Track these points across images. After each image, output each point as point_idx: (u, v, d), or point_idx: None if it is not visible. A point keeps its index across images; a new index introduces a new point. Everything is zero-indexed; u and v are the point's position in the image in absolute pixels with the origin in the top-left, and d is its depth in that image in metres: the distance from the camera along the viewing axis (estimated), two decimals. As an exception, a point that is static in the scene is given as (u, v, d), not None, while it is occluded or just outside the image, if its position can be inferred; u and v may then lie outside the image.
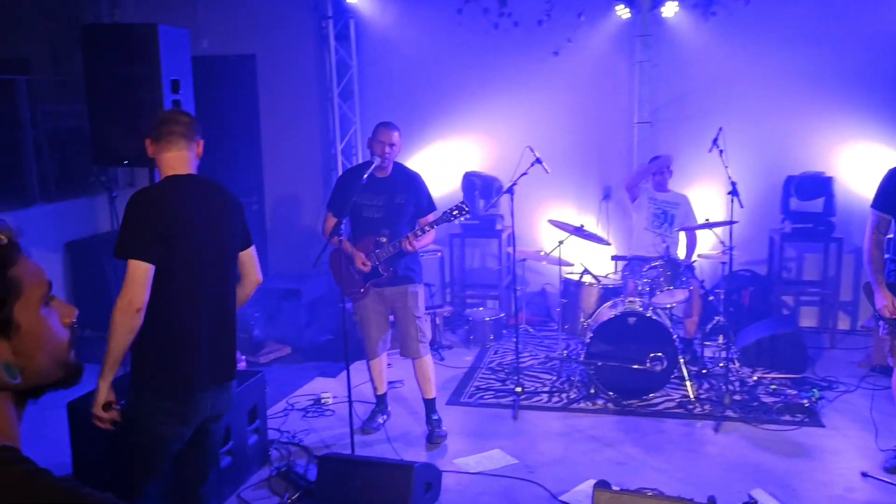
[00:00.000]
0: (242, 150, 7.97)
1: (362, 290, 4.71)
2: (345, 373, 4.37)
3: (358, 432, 4.69)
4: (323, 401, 5.52)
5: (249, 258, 3.13)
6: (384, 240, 4.57)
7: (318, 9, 7.46)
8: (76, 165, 8.14)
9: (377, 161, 4.46)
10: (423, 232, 4.53)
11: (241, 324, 6.49)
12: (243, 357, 6.18)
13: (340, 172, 7.55)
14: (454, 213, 4.50)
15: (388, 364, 6.16)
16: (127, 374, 2.99)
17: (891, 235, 4.34)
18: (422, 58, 7.41)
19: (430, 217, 4.65)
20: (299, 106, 7.82)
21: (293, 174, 7.90)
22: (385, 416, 5.09)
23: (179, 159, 2.91)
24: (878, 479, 4.19)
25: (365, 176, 4.37)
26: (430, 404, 4.90)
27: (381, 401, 5.10)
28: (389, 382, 5.84)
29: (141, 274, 2.71)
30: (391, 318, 4.93)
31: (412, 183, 4.71)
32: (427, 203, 4.75)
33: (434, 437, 4.80)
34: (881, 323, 4.22)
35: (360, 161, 7.57)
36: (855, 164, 6.78)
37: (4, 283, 1.10)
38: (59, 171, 7.85)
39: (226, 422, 3.99)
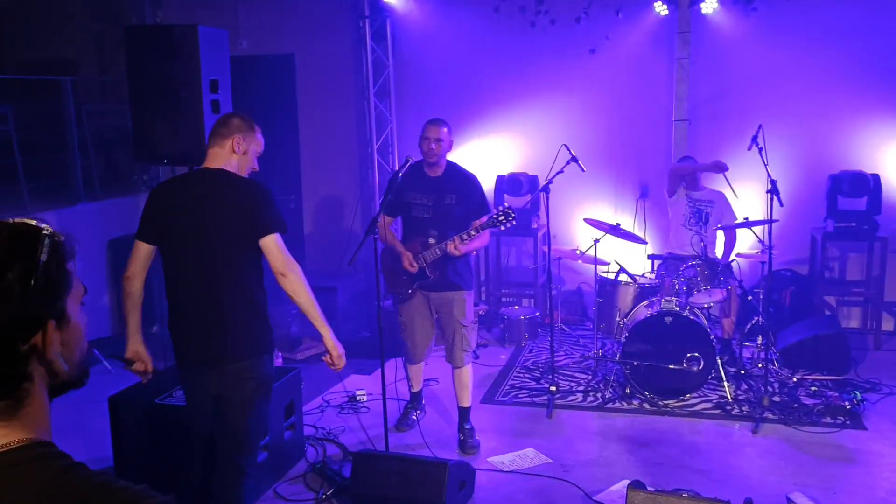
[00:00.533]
0: (281, 149, 8.05)
1: (410, 292, 4.64)
2: (380, 370, 4.41)
3: (392, 430, 4.73)
4: (358, 398, 5.57)
5: (266, 248, 3.20)
6: (432, 241, 4.48)
7: (356, 8, 7.51)
8: (120, 164, 8.32)
9: (412, 160, 4.41)
10: (469, 236, 4.36)
11: (278, 320, 6.62)
12: (280, 354, 6.26)
13: (377, 171, 7.61)
14: (500, 218, 4.32)
15: (425, 363, 6.21)
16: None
17: None
18: (458, 57, 7.42)
19: (478, 221, 4.48)
20: (336, 105, 7.88)
21: (330, 173, 7.97)
22: (420, 412, 5.10)
23: (210, 155, 3.27)
24: (921, 483, 4.10)
25: (400, 174, 4.28)
26: (464, 413, 4.81)
27: (415, 398, 5.11)
28: (425, 380, 5.88)
29: (134, 248, 3.18)
30: (436, 321, 4.87)
31: (465, 184, 4.60)
32: (478, 206, 4.57)
33: (466, 447, 4.69)
34: None
35: (397, 160, 7.62)
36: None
37: (63, 275, 1.16)
38: (104, 169, 8.03)
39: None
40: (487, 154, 7.51)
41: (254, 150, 3.38)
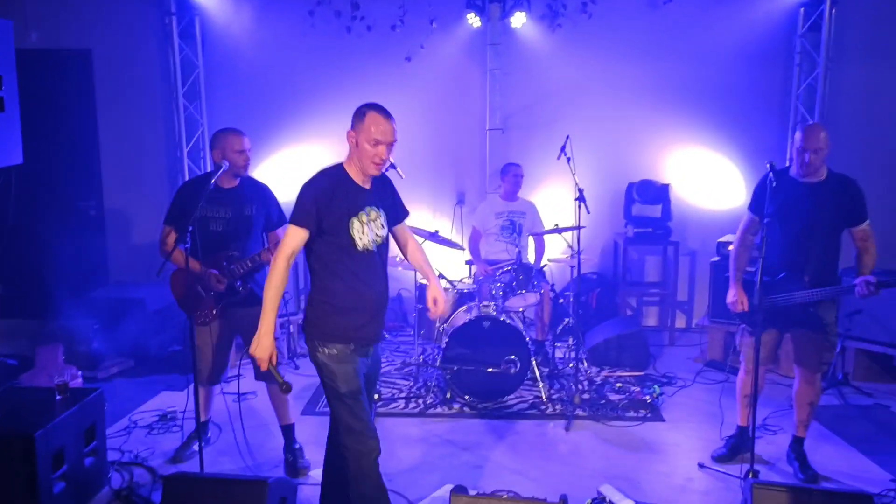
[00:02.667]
0: (78, 151, 7.46)
1: (214, 312, 4.37)
2: (192, 386, 4.15)
3: (169, 462, 4.52)
4: (169, 416, 5.24)
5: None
6: (236, 254, 4.29)
7: (161, 4, 7.09)
8: None
9: (226, 166, 4.22)
10: None
11: (77, 336, 6.11)
12: (80, 372, 5.78)
13: (187, 176, 7.24)
14: None
15: (241, 375, 5.96)
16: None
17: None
18: (272, 59, 7.23)
19: (280, 233, 4.40)
20: (141, 106, 7.41)
21: (135, 177, 7.47)
22: (202, 444, 4.70)
23: None
24: (712, 468, 4.46)
25: (213, 181, 4.09)
26: (289, 431, 4.59)
27: (203, 427, 4.71)
28: (241, 394, 5.65)
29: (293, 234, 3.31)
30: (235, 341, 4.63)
31: (262, 194, 4.45)
32: (278, 216, 4.49)
33: (297, 468, 4.47)
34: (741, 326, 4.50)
35: (209, 164, 7.29)
36: (687, 171, 7.25)
37: None
38: None
39: (59, 443, 3.73)
40: (304, 160, 7.36)
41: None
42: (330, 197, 3.24)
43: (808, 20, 6.94)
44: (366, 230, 3.30)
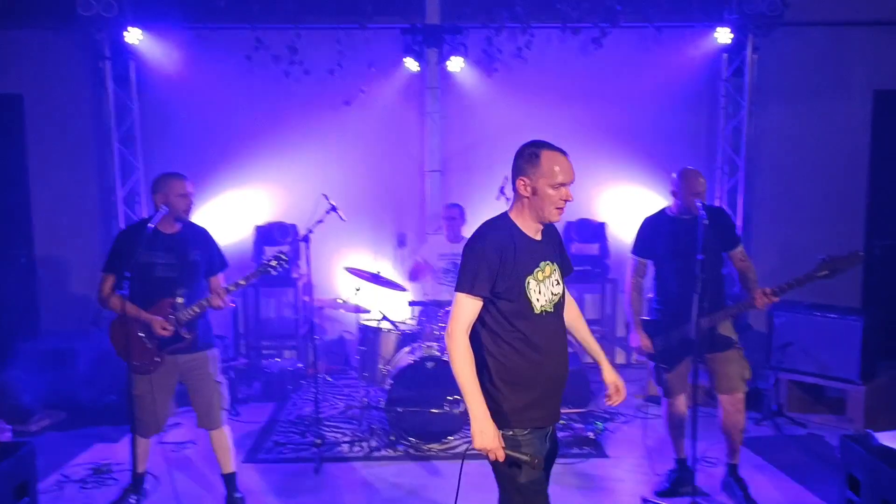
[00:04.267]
0: (7, 197, 7.26)
1: (158, 359, 4.25)
2: (129, 437, 4.04)
3: None
4: (104, 469, 5.07)
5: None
6: (181, 300, 4.20)
7: (95, 49, 7.01)
8: None
9: (164, 210, 4.15)
10: (238, 286, 4.27)
11: (6, 389, 5.88)
12: (9, 426, 5.56)
13: (123, 222, 7.11)
14: (272, 263, 4.26)
15: (179, 423, 5.83)
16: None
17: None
18: (210, 103, 7.20)
19: (221, 277, 4.42)
20: (75, 151, 7.28)
21: (68, 224, 7.30)
22: (138, 498, 4.50)
23: None
24: (654, 502, 4.52)
25: (151, 225, 4.05)
26: (231, 479, 4.49)
27: (139, 480, 4.52)
28: (179, 443, 5.53)
29: None
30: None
31: (203, 238, 4.40)
32: (219, 259, 4.44)
33: None
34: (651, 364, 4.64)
35: (145, 210, 7.18)
36: (622, 209, 7.44)
37: None
38: None
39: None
40: (243, 204, 7.33)
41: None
42: (506, 256, 2.83)
43: (732, 65, 7.27)
44: (542, 289, 2.88)
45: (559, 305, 2.96)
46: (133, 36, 6.89)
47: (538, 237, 2.95)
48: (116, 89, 7.11)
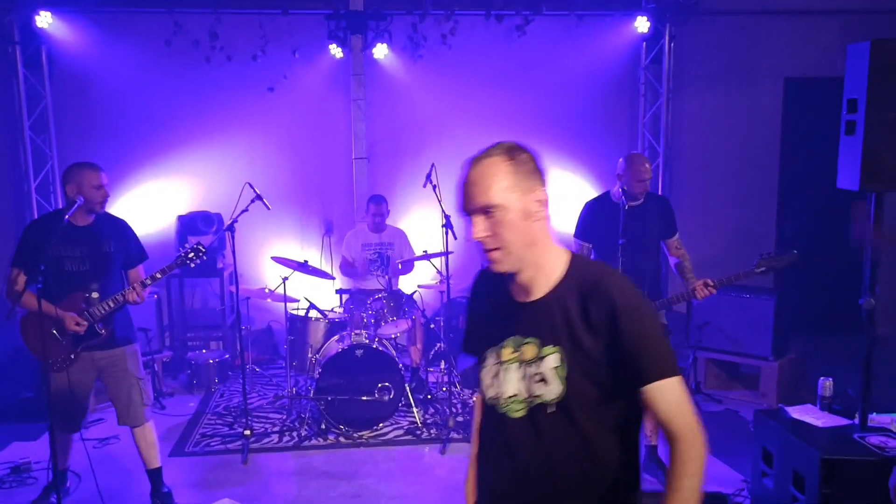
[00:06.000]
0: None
1: (73, 356, 4.12)
2: (47, 434, 3.93)
3: None
4: (23, 468, 4.91)
5: None
6: (95, 295, 4.07)
7: (4, 32, 6.70)
8: None
9: (80, 201, 4.03)
10: (153, 280, 4.14)
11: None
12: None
13: (36, 213, 6.85)
14: (190, 255, 4.16)
15: (101, 419, 5.69)
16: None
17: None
18: (128, 90, 6.98)
19: (140, 269, 4.30)
20: (-17, 139, 6.97)
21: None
22: (60, 496, 4.20)
23: None
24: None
25: (67, 217, 3.92)
26: (156, 475, 4.40)
27: (62, 477, 4.44)
28: (101, 439, 5.41)
29: None
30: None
31: (120, 230, 4.26)
32: (137, 251, 4.32)
33: None
34: None
35: (60, 200, 6.93)
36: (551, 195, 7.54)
37: None
38: None
39: None
40: (165, 193, 7.16)
41: None
42: (474, 306, 2.22)
43: (650, 53, 7.45)
44: (503, 377, 1.96)
45: (540, 412, 1.86)
46: (44, 20, 6.62)
47: (526, 297, 1.93)
48: (27, 74, 6.83)
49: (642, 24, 7.24)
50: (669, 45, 7.30)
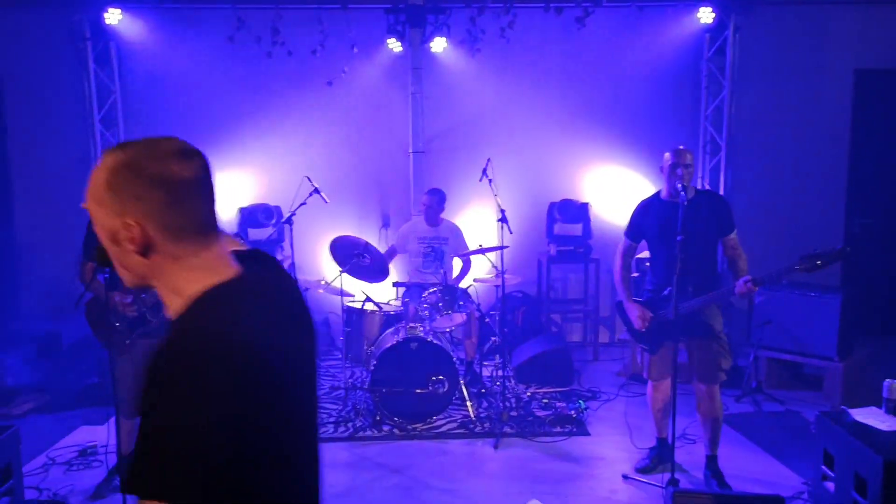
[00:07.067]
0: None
1: (128, 343, 4.25)
2: (114, 419, 4.06)
3: (90, 499, 4.41)
4: (89, 451, 5.09)
5: None
6: None
7: (76, 30, 6.94)
8: None
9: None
10: None
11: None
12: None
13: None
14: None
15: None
16: None
17: (640, 257, 4.81)
18: (192, 85, 7.15)
19: None
20: (56, 133, 7.22)
21: (51, 206, 7.25)
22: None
23: None
24: (635, 479, 4.59)
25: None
26: None
27: (125, 462, 4.57)
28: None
29: None
30: None
31: None
32: None
33: None
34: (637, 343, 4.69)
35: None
36: (605, 190, 7.48)
37: None
38: None
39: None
40: (227, 186, 7.30)
41: None
42: None
43: (714, 45, 7.28)
44: None
45: None
46: (113, 17, 6.83)
47: None
48: (97, 70, 7.06)
49: (706, 15, 7.08)
50: (734, 35, 7.12)
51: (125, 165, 1.39)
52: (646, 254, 5.15)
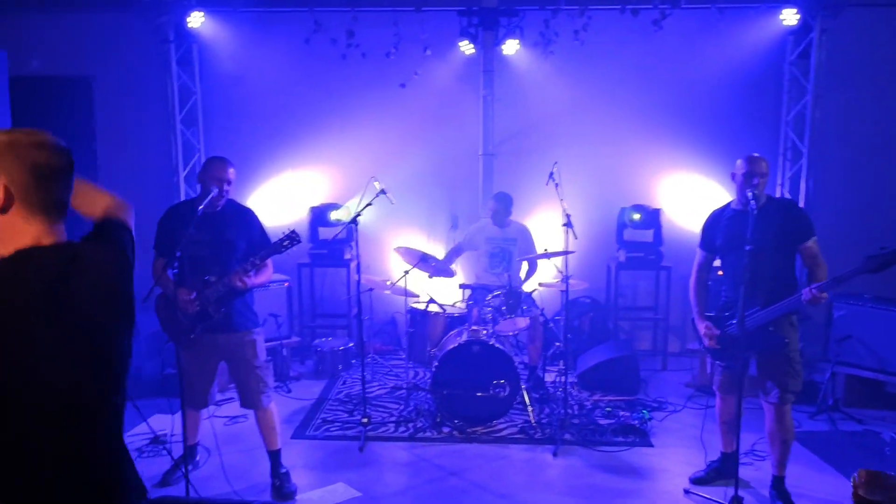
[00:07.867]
0: (77, 175, 7.52)
1: (192, 337, 4.32)
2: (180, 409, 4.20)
3: (157, 486, 4.53)
4: (161, 439, 5.27)
5: None
6: (213, 279, 4.24)
7: (160, 32, 7.21)
8: None
9: (215, 192, 4.24)
10: (254, 266, 4.21)
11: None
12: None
13: (183, 200, 7.31)
14: (284, 242, 4.17)
15: (233, 398, 6.00)
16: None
17: (719, 267, 4.64)
18: (269, 86, 7.33)
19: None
20: (140, 132, 7.51)
21: (132, 202, 7.51)
22: (189, 469, 4.61)
23: None
24: (698, 494, 4.46)
25: (200, 207, 4.12)
26: (275, 456, 4.61)
27: (190, 452, 4.71)
28: (231, 417, 5.70)
29: None
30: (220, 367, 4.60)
31: (243, 217, 4.43)
32: (260, 238, 4.43)
33: (283, 493, 4.48)
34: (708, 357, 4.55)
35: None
36: (678, 196, 7.31)
37: None
38: None
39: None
40: (300, 185, 7.45)
41: None
42: None
43: (798, 48, 7.02)
44: None
45: None
46: (196, 19, 7.06)
47: None
48: (180, 72, 7.31)
49: (790, 17, 6.83)
50: (819, 39, 6.85)
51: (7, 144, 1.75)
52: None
